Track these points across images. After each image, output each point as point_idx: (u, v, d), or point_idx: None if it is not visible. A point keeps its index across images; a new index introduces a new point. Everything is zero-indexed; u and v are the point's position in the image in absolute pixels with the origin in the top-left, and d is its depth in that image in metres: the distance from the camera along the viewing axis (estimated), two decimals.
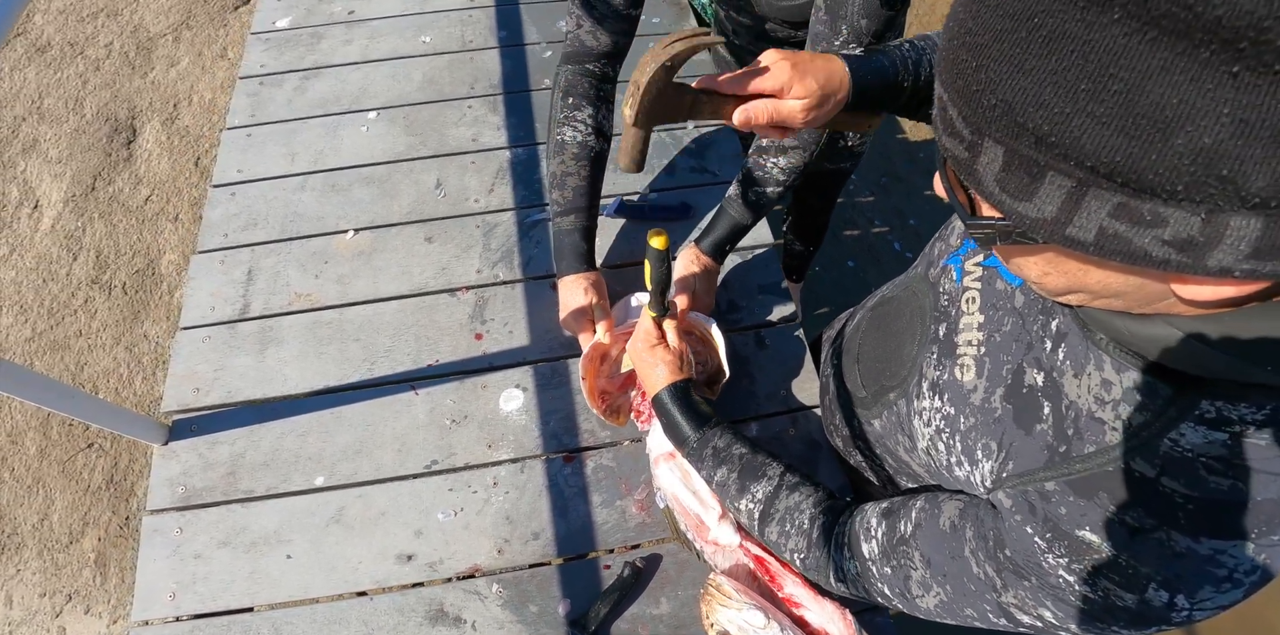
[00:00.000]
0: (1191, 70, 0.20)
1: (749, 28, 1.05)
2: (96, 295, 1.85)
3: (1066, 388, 0.40)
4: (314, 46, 1.26)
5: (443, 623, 0.72)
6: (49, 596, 1.48)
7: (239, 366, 0.89)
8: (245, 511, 0.79)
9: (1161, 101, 0.21)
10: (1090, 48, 0.22)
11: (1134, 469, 0.35)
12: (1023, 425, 0.41)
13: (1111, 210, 0.24)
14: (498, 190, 1.06)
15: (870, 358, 0.63)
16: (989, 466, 0.43)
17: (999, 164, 0.26)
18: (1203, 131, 0.21)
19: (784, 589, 0.69)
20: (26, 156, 2.12)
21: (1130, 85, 0.21)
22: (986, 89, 0.25)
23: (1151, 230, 0.24)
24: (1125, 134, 0.22)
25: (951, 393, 0.48)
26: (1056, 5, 0.22)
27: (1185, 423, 0.33)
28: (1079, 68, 0.22)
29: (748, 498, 0.60)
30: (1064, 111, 0.23)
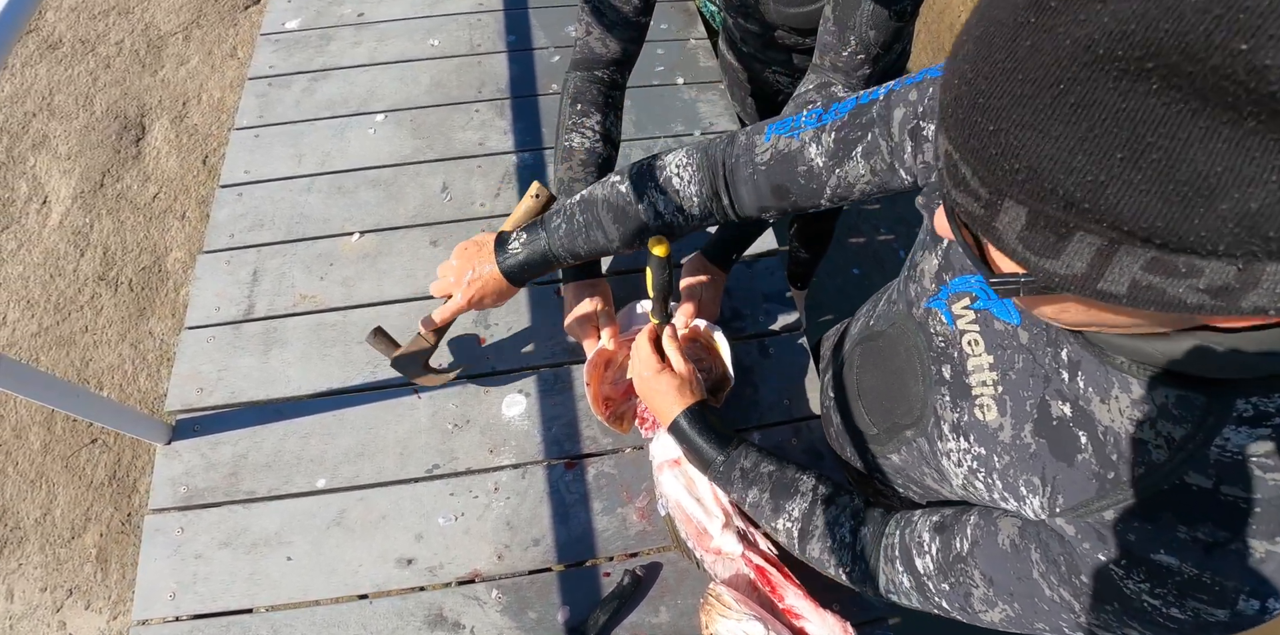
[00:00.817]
0: (1236, 138, 0.20)
1: (757, 35, 1.05)
2: (103, 291, 1.86)
3: (1098, 414, 0.39)
4: (323, 48, 1.27)
5: (442, 627, 0.72)
6: (50, 591, 1.48)
7: (243, 367, 0.89)
8: (246, 512, 0.79)
9: (1205, 170, 0.20)
10: (1125, 116, 0.21)
11: (1190, 483, 0.34)
12: (1062, 458, 0.41)
13: (1145, 264, 0.23)
14: (504, 195, 1.06)
15: (873, 395, 0.63)
16: (1038, 502, 0.43)
17: (1022, 223, 0.25)
18: (1249, 197, 0.20)
19: (785, 600, 0.69)
20: (36, 152, 2.13)
21: (1170, 153, 0.21)
22: (1008, 153, 0.24)
23: (1186, 280, 0.23)
24: (1166, 200, 0.21)
25: (977, 433, 0.48)
26: (1085, 74, 0.21)
27: (1227, 426, 0.33)
28: (1113, 135, 0.21)
29: (784, 517, 0.59)
30: (1098, 179, 0.22)
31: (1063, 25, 0.21)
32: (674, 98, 1.19)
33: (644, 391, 0.70)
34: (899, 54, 1.00)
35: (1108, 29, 0.20)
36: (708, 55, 1.26)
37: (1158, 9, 0.19)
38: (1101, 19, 0.20)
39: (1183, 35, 0.19)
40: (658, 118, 1.16)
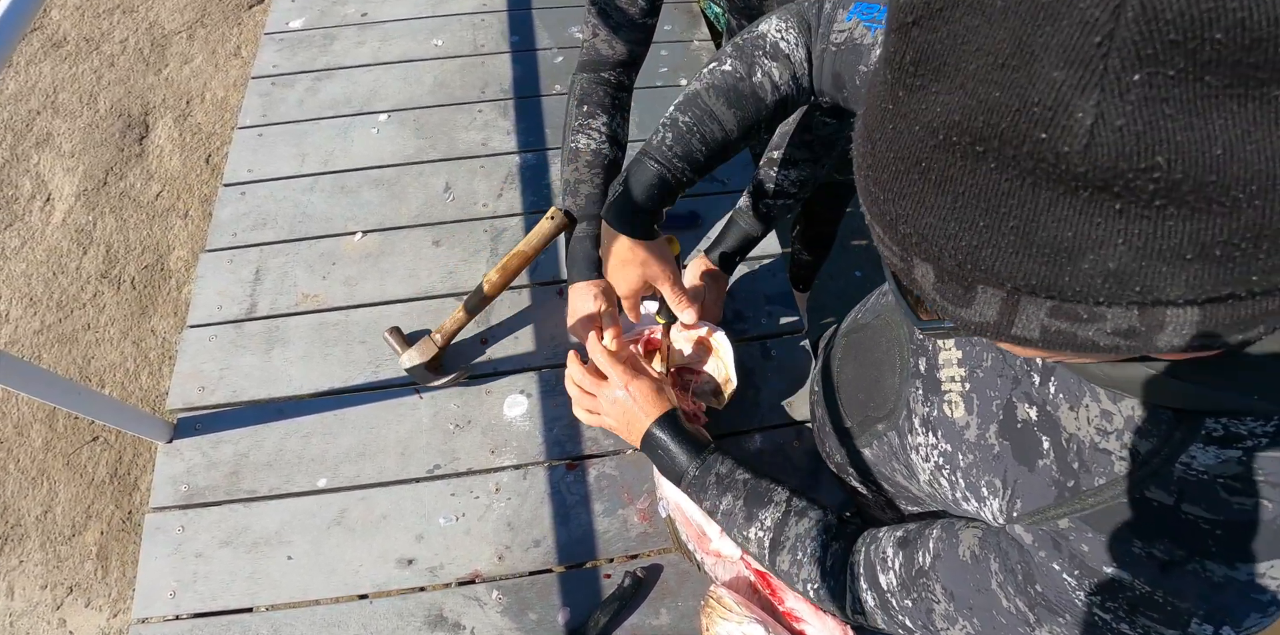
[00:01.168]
0: (1078, 206, 0.21)
1: None
2: (105, 289, 1.86)
3: (1064, 421, 0.39)
4: (327, 48, 1.27)
5: (442, 628, 0.72)
6: (50, 589, 1.49)
7: (244, 366, 0.89)
8: (247, 511, 0.79)
9: (1058, 235, 0.22)
10: (977, 190, 0.23)
11: (1150, 498, 0.34)
12: (1024, 462, 0.41)
13: (1049, 311, 0.25)
14: (506, 195, 1.06)
15: (850, 387, 0.62)
16: (997, 504, 0.43)
17: (932, 277, 0.27)
18: (1105, 258, 0.22)
19: (785, 603, 0.69)
20: (40, 150, 2.14)
21: (1024, 221, 0.22)
22: (900, 220, 0.26)
23: (1093, 325, 0.24)
24: (1035, 260, 0.23)
25: (944, 429, 0.47)
26: (938, 154, 0.23)
27: (1194, 444, 0.33)
28: (974, 207, 0.23)
29: (756, 525, 0.59)
30: (972, 243, 0.24)
31: (911, 112, 0.24)
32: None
33: (611, 411, 0.68)
34: None
35: (942, 117, 0.23)
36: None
37: (972, 101, 0.22)
38: (935, 109, 0.23)
39: (996, 126, 0.21)
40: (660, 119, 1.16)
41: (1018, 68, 0.20)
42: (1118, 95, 0.19)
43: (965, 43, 0.22)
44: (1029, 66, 0.20)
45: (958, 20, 0.22)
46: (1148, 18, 0.18)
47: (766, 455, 0.83)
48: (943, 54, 0.22)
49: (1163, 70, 0.19)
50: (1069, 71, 0.19)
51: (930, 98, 0.23)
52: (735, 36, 0.62)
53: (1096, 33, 0.19)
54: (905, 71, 0.24)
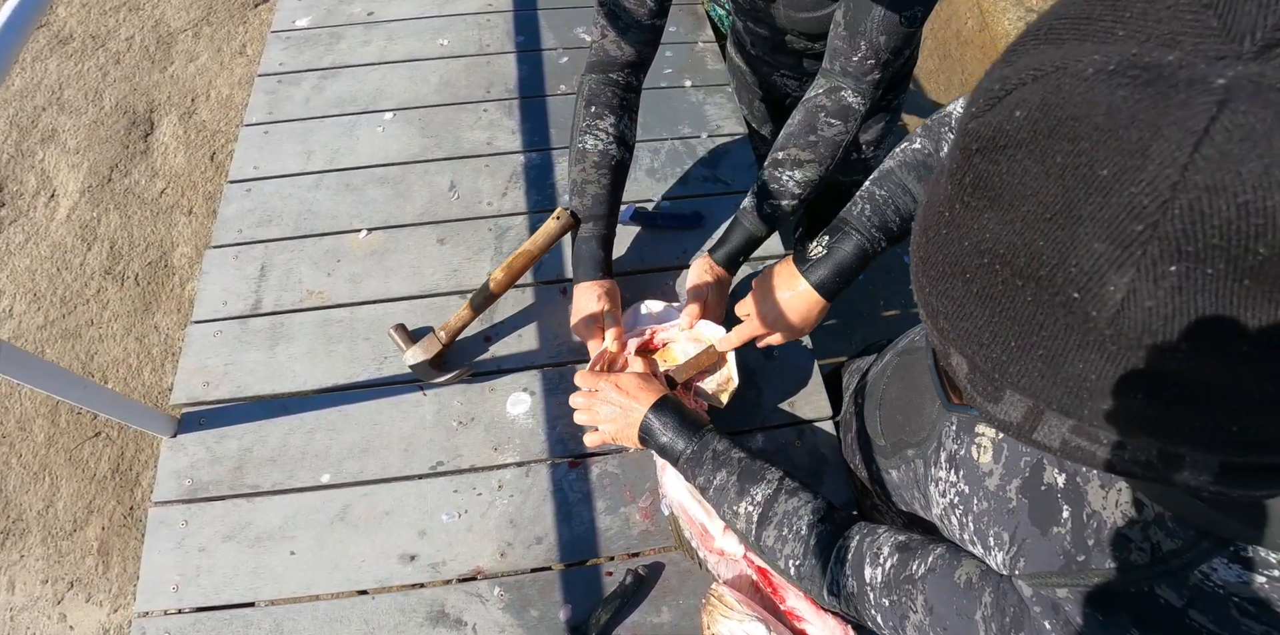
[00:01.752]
0: (1104, 357, 0.22)
1: (766, 39, 1.06)
2: (109, 286, 1.87)
3: (1090, 495, 0.38)
4: (333, 46, 1.28)
5: (444, 624, 0.73)
6: (51, 583, 1.49)
7: (249, 362, 0.90)
8: (250, 506, 0.79)
9: (1084, 375, 0.22)
10: (1014, 314, 0.23)
11: (1159, 595, 0.33)
12: (1038, 524, 0.40)
13: (1070, 428, 0.25)
14: (511, 194, 1.07)
15: (891, 407, 0.63)
16: (1001, 557, 0.42)
17: (965, 369, 0.28)
18: (1126, 406, 0.22)
19: (786, 602, 0.69)
20: (45, 146, 2.14)
21: (1053, 354, 0.23)
22: (940, 314, 0.27)
23: (1113, 451, 0.25)
24: (1059, 389, 0.24)
25: (967, 471, 0.47)
26: (982, 273, 0.24)
27: (1218, 558, 0.32)
28: (1008, 327, 0.24)
29: (747, 500, 0.60)
30: (1001, 358, 0.25)
31: (964, 227, 0.25)
32: (681, 100, 1.20)
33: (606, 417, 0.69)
34: (906, 59, 1.00)
35: (989, 243, 0.23)
36: (715, 58, 1.26)
37: (1018, 240, 0.22)
38: (984, 233, 0.24)
39: (1036, 270, 0.22)
40: (665, 119, 1.16)
41: (1064, 226, 0.21)
42: (1152, 280, 0.20)
43: (1021, 184, 0.22)
44: (1073, 228, 0.21)
45: (1018, 161, 0.22)
46: (1193, 219, 0.18)
47: (768, 455, 0.83)
48: (998, 187, 0.23)
49: (1201, 267, 0.19)
50: (1109, 246, 0.20)
51: (982, 221, 0.24)
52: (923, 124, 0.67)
53: (1141, 221, 0.19)
54: (964, 189, 0.25)
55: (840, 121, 0.78)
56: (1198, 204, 0.18)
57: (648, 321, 0.87)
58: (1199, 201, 0.18)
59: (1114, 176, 0.19)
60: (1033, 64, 0.22)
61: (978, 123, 0.24)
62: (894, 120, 1.16)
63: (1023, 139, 0.22)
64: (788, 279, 0.71)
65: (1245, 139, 0.18)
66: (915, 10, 0.69)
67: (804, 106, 0.81)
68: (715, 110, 1.18)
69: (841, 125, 0.78)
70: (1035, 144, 0.22)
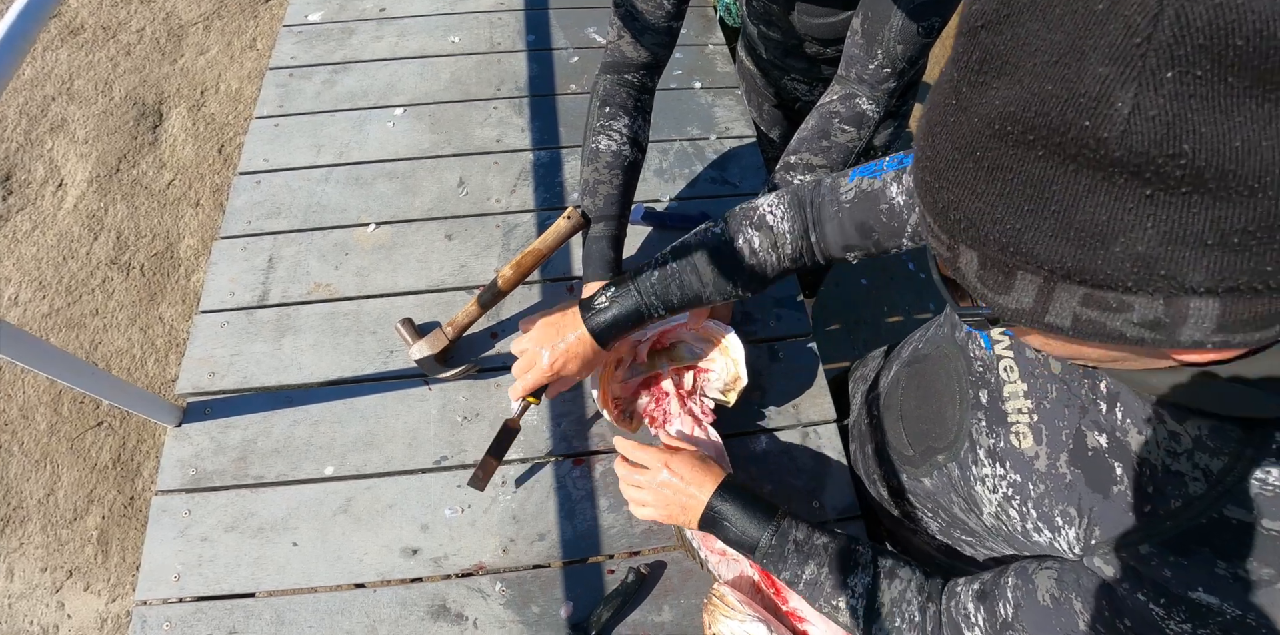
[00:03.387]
0: (1114, 192, 0.24)
1: (779, 43, 1.06)
2: (115, 276, 1.87)
3: (1134, 446, 0.39)
4: (344, 41, 1.28)
5: (444, 618, 0.73)
6: (50, 572, 1.49)
7: (255, 353, 0.90)
8: (254, 497, 0.80)
9: (1094, 219, 0.24)
10: (1026, 177, 0.25)
11: (1230, 517, 0.33)
12: (1098, 489, 0.41)
13: (1081, 299, 0.27)
14: (519, 191, 1.07)
15: (914, 417, 0.62)
16: (1073, 533, 0.42)
17: (975, 264, 0.29)
18: (1135, 241, 0.24)
19: (788, 603, 0.69)
20: (54, 135, 2.15)
21: (1065, 206, 0.25)
22: (951, 207, 0.29)
23: (1121, 315, 0.26)
24: (1071, 244, 0.25)
25: (1013, 460, 0.47)
26: (992, 144, 0.26)
27: (1266, 460, 0.32)
28: (1020, 193, 0.26)
29: (847, 594, 0.56)
30: (1015, 227, 0.26)
31: (972, 106, 0.26)
32: (691, 102, 1.20)
33: (658, 499, 0.66)
34: (920, 68, 1.01)
35: (999, 110, 0.25)
36: (725, 61, 1.27)
37: (1027, 94, 0.24)
38: (994, 102, 0.25)
39: (1046, 115, 0.24)
40: (674, 121, 1.17)
41: (1069, 64, 0.23)
42: (1153, 89, 0.22)
43: (1026, 44, 0.24)
44: (1079, 63, 0.23)
45: (1022, 25, 0.24)
46: (1181, 24, 0.21)
47: (771, 457, 0.83)
48: (1005, 54, 0.25)
49: (1192, 70, 0.21)
50: (1112, 67, 0.22)
51: (990, 92, 0.26)
52: (731, 210, 0.69)
53: (1137, 35, 0.21)
54: (970, 70, 0.27)
55: (854, 128, 0.78)
56: (1182, 12, 0.21)
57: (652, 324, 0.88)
58: (1183, 9, 0.21)
59: (1109, 6, 0.22)
60: None
61: (979, 3, 0.26)
62: (902, 126, 1.17)
63: (1025, 4, 0.24)
64: (570, 320, 0.71)
65: None
66: (933, 21, 0.70)
67: (818, 112, 0.81)
68: (724, 113, 1.19)
69: (855, 132, 0.78)
70: (1035, 4, 0.24)
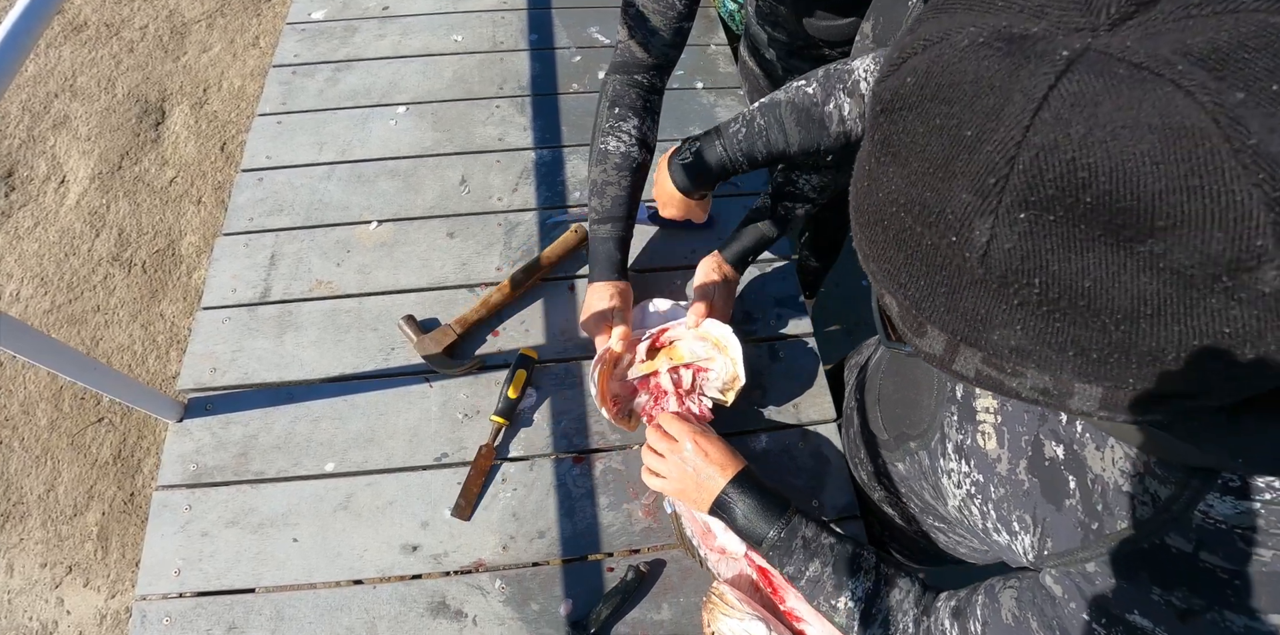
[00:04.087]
0: (987, 293, 0.25)
1: (784, 44, 1.06)
2: (116, 272, 1.88)
3: (1089, 461, 0.39)
4: (347, 39, 1.28)
5: (444, 615, 0.73)
6: (50, 567, 1.49)
7: (257, 349, 0.90)
8: (255, 493, 0.80)
9: (975, 308, 0.26)
10: (921, 255, 0.27)
11: (1170, 545, 0.34)
12: (1052, 500, 0.41)
13: (981, 359, 0.28)
14: (521, 190, 1.07)
15: (890, 401, 0.63)
16: (1029, 540, 0.43)
17: (895, 308, 0.31)
18: (1009, 335, 0.26)
19: (786, 602, 0.70)
20: (57, 132, 2.15)
21: (951, 290, 0.27)
22: (869, 259, 0.30)
23: (1015, 378, 0.28)
24: (960, 321, 0.27)
25: (977, 459, 0.48)
26: (894, 218, 0.27)
27: (1211, 493, 0.32)
28: (918, 266, 0.27)
29: (846, 595, 0.57)
30: (917, 294, 0.28)
31: (878, 180, 0.28)
32: (693, 102, 1.20)
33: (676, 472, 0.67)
34: None
35: (894, 194, 0.27)
36: (727, 61, 1.27)
37: (912, 191, 0.26)
38: (892, 185, 0.27)
39: (925, 217, 0.26)
40: (676, 121, 1.17)
41: (941, 179, 0.25)
42: (1008, 225, 0.23)
43: (912, 142, 0.26)
44: (949, 181, 0.24)
45: (909, 122, 0.26)
46: (1033, 173, 0.22)
47: (772, 456, 0.84)
48: (897, 145, 0.27)
49: (1044, 214, 0.22)
50: (973, 197, 0.24)
51: (889, 174, 0.27)
52: (826, 67, 0.69)
53: (994, 175, 0.23)
54: (875, 146, 0.28)
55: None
56: (1036, 161, 0.22)
57: (655, 319, 0.88)
58: (1037, 159, 0.22)
59: (975, 136, 0.23)
60: (925, 33, 0.26)
61: (880, 87, 0.27)
62: None
63: (912, 102, 0.25)
64: (662, 167, 0.79)
65: (1075, 105, 0.21)
66: None
67: None
68: (726, 113, 1.19)
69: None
70: (921, 107, 0.25)
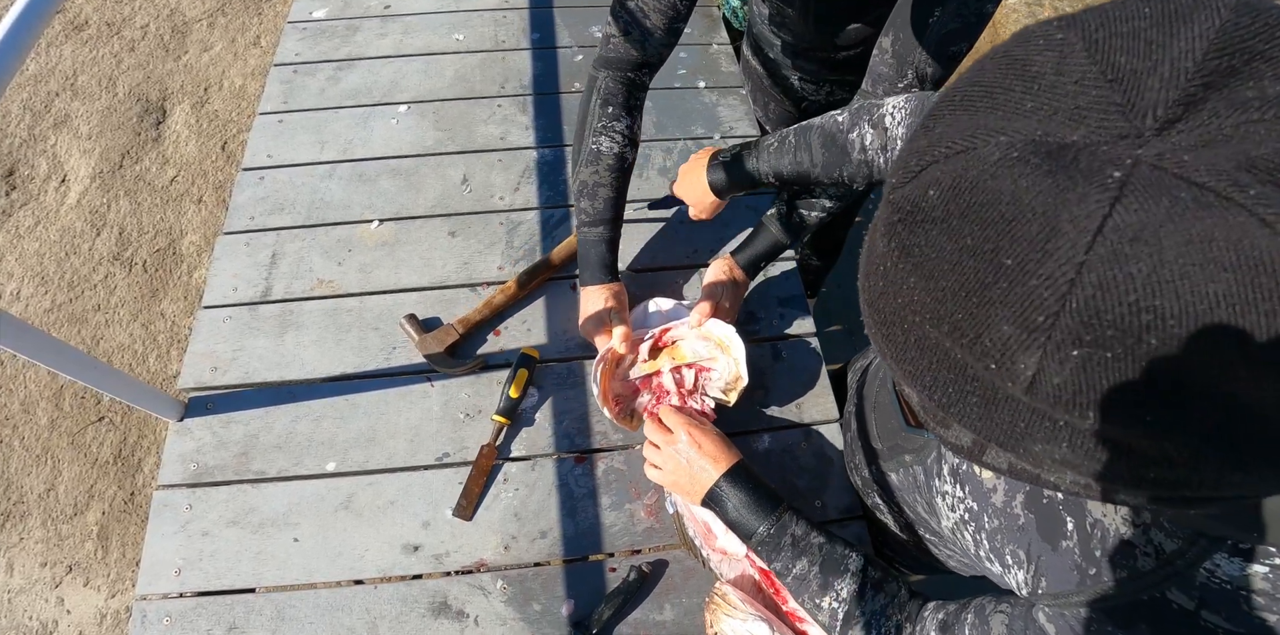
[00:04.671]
0: (1029, 414, 0.24)
1: (789, 44, 1.06)
2: (117, 271, 1.87)
3: (1089, 505, 0.39)
4: (349, 38, 1.28)
5: (445, 616, 0.72)
6: (50, 567, 1.49)
7: (257, 348, 0.90)
8: (255, 492, 0.79)
9: (1013, 424, 0.25)
10: (949, 366, 0.25)
11: (1171, 600, 0.33)
12: (1048, 539, 0.40)
13: (1014, 456, 0.27)
14: (523, 189, 1.07)
15: (885, 412, 0.62)
16: (1022, 576, 0.42)
17: (916, 400, 0.29)
18: (1050, 451, 0.24)
19: (788, 603, 0.69)
20: (58, 131, 2.15)
21: (985, 402, 0.25)
22: (887, 354, 0.28)
23: (1053, 475, 0.26)
24: (995, 429, 0.25)
25: (973, 487, 0.47)
26: (917, 326, 0.25)
27: (1218, 553, 0.32)
28: (945, 375, 0.26)
29: (831, 595, 0.58)
30: (943, 401, 0.26)
31: (896, 284, 0.26)
32: (695, 101, 1.20)
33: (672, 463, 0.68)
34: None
35: (917, 305, 0.25)
36: (729, 61, 1.26)
37: (940, 308, 0.24)
38: (912, 296, 0.25)
39: (959, 339, 0.24)
40: (678, 120, 1.17)
41: (977, 306, 0.23)
42: (1057, 361, 0.21)
43: (939, 257, 0.24)
44: (985, 309, 0.22)
45: (934, 236, 0.24)
46: (1090, 314, 0.20)
47: (774, 456, 0.83)
48: (919, 256, 0.25)
49: (1100, 352, 0.21)
50: (1016, 330, 0.22)
51: (910, 284, 0.25)
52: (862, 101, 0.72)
53: (1043, 313, 0.21)
54: (893, 251, 0.26)
55: None
56: (1093, 301, 0.20)
57: (658, 319, 0.87)
58: (1094, 299, 0.20)
59: (1018, 266, 0.21)
60: (947, 137, 0.24)
61: (898, 194, 0.25)
62: None
63: (937, 217, 0.23)
64: (696, 167, 0.84)
65: (1135, 238, 0.19)
66: (961, 46, 0.72)
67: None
68: (729, 112, 1.18)
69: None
70: (948, 223, 0.23)
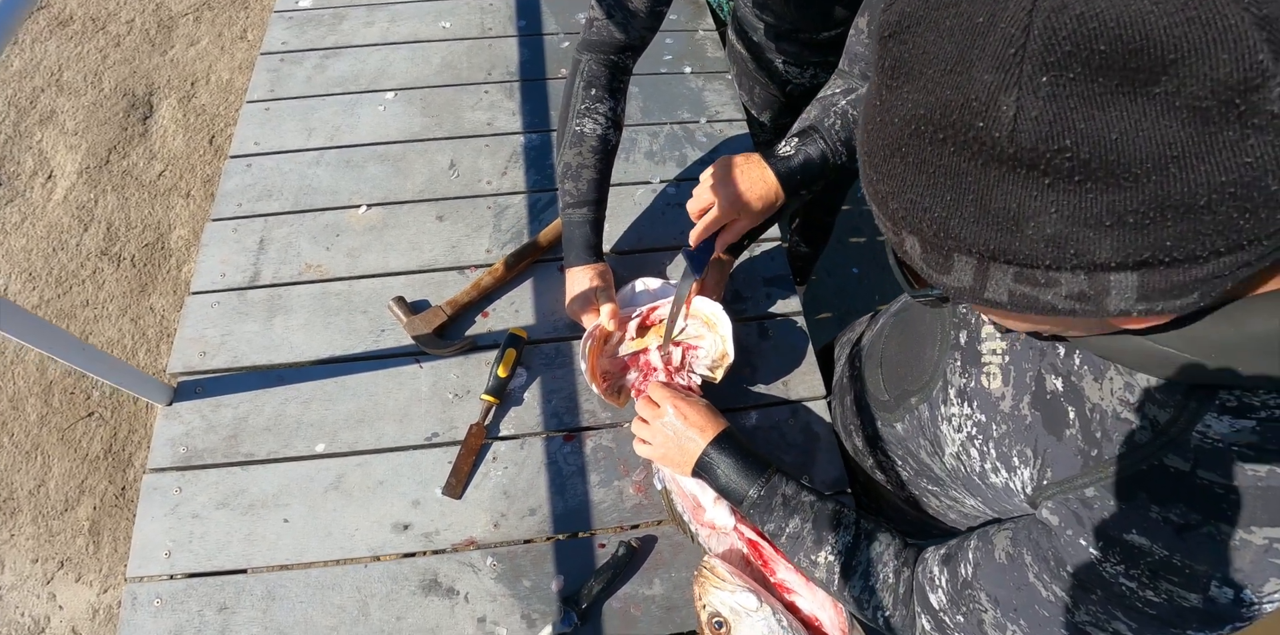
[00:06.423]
0: (1018, 181, 0.26)
1: (772, 26, 1.06)
2: (105, 266, 1.86)
3: (1088, 392, 0.40)
4: (335, 27, 1.28)
5: (436, 593, 0.73)
6: (41, 563, 1.48)
7: (246, 332, 0.90)
8: (245, 474, 0.80)
9: (1006, 205, 0.26)
10: (944, 170, 0.27)
11: (1168, 465, 0.35)
12: (1053, 431, 0.42)
13: (1013, 277, 0.29)
14: (510, 173, 1.07)
15: (893, 362, 0.63)
16: (1028, 473, 0.44)
17: (918, 248, 0.31)
18: (1044, 224, 0.26)
19: (776, 574, 0.70)
20: (44, 127, 2.13)
21: (980, 195, 0.27)
22: (889, 197, 0.31)
23: (1050, 289, 0.28)
24: (991, 228, 0.27)
25: (980, 400, 0.48)
26: (912, 141, 0.28)
27: (1209, 414, 0.34)
28: (942, 184, 0.28)
29: (826, 549, 0.58)
30: (943, 215, 0.28)
31: (891, 108, 0.29)
32: (681, 86, 1.20)
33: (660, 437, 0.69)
34: None
35: (912, 112, 0.28)
36: (715, 46, 1.27)
37: (931, 99, 0.27)
38: (907, 105, 0.28)
39: (948, 117, 0.26)
40: (664, 105, 1.17)
41: (960, 72, 0.26)
42: (1031, 92, 0.24)
43: (925, 53, 0.27)
44: (968, 71, 0.25)
45: (920, 34, 0.27)
46: (1048, 34, 0.23)
47: (761, 432, 0.84)
48: (909, 62, 0.28)
49: (1064, 73, 0.23)
50: (995, 74, 0.25)
51: (903, 95, 0.28)
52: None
53: (1012, 45, 0.24)
54: (885, 75, 0.29)
55: None
56: (1049, 22, 0.23)
57: (645, 298, 0.88)
58: (1050, 20, 0.23)
59: (988, 20, 0.25)
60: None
61: (886, 14, 0.29)
62: None
63: (921, 16, 0.27)
64: (754, 168, 0.73)
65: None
66: None
67: (820, 103, 0.80)
68: (714, 96, 1.19)
69: None
70: (929, 16, 0.27)
